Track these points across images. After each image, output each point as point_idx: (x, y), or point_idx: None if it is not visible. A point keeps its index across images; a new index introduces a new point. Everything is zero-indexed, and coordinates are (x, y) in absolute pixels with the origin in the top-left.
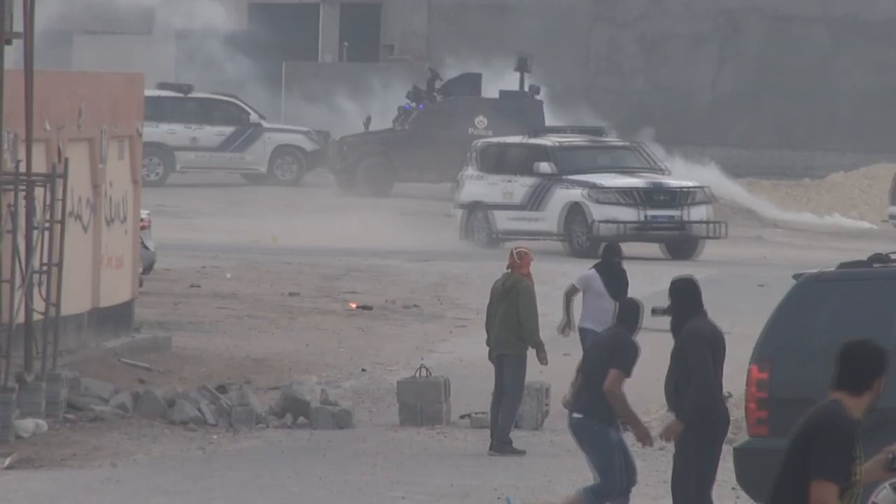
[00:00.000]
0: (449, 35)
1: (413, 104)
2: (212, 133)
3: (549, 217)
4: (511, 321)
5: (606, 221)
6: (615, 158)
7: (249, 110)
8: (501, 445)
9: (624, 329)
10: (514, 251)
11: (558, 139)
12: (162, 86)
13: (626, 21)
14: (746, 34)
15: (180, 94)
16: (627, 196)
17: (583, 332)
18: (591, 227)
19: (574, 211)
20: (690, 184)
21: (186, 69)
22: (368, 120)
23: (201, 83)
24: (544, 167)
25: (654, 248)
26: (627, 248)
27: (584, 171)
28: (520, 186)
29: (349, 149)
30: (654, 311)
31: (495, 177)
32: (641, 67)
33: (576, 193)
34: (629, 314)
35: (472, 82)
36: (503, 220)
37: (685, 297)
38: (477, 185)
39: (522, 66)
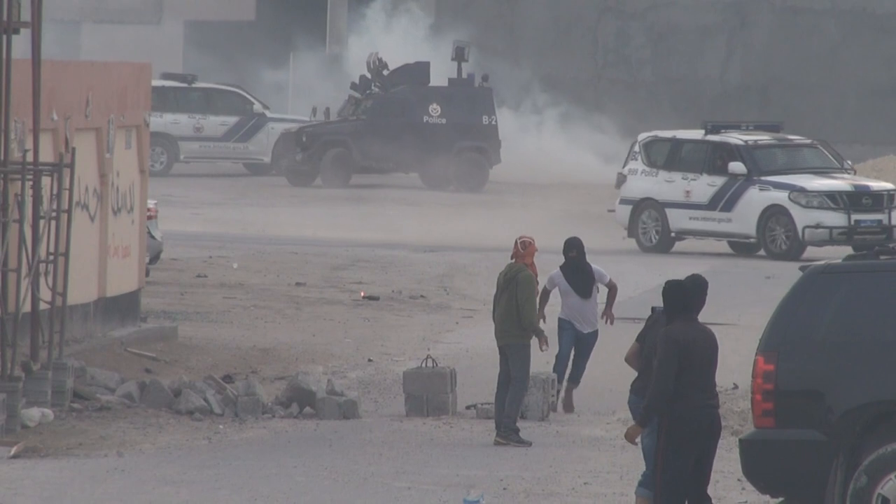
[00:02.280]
0: (457, 27)
1: (358, 94)
2: (215, 123)
3: (742, 219)
4: (512, 311)
5: (813, 227)
6: (801, 157)
7: (253, 100)
8: (507, 433)
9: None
10: (519, 241)
11: (745, 137)
12: (166, 76)
13: (635, 12)
14: (755, 26)
15: (184, 84)
16: (833, 200)
17: (561, 323)
18: (799, 232)
19: (773, 214)
20: (890, 186)
21: (195, 59)
22: (328, 111)
23: (210, 73)
24: (737, 167)
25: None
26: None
27: (776, 171)
28: (704, 185)
29: (309, 139)
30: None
31: (672, 174)
32: (649, 59)
33: (776, 196)
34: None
35: (420, 71)
36: (681, 219)
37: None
38: (647, 182)
39: (459, 56)
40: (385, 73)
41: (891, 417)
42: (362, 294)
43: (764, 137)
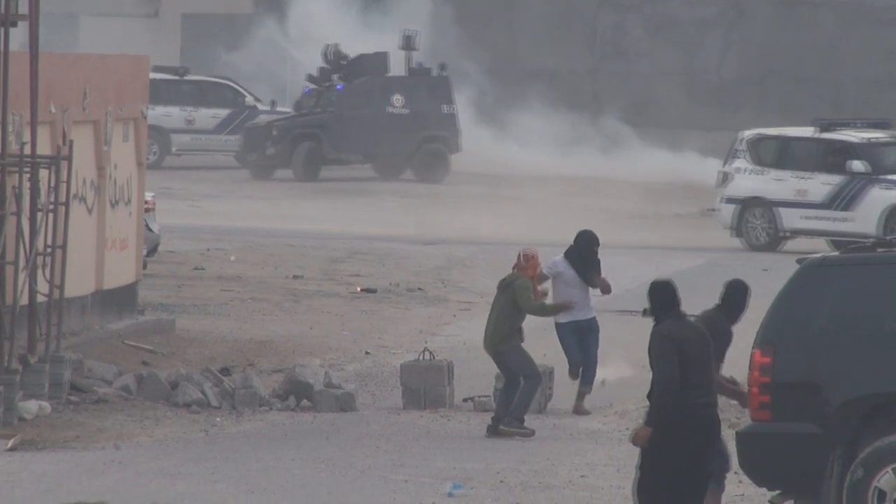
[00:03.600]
0: (454, 19)
1: (314, 87)
2: (207, 115)
3: (863, 218)
4: (504, 315)
5: None
6: None
7: (245, 93)
8: (512, 421)
9: (720, 313)
10: (522, 253)
11: (861, 135)
12: (157, 68)
13: (632, 5)
14: (752, 18)
15: (176, 77)
16: None
17: (559, 326)
18: None
19: None
20: None
21: (192, 52)
22: (299, 105)
23: (207, 66)
24: (857, 166)
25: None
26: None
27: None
28: (819, 184)
29: (280, 133)
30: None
31: (782, 172)
32: (647, 52)
33: None
34: (730, 297)
35: (379, 61)
36: (794, 219)
37: (656, 300)
38: (754, 180)
39: (408, 45)
40: (343, 63)
41: (887, 410)
42: (358, 288)
43: (879, 135)
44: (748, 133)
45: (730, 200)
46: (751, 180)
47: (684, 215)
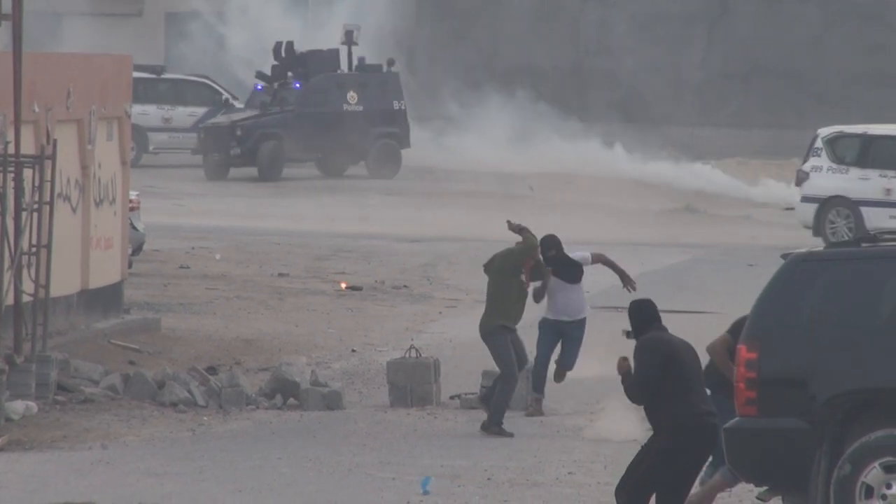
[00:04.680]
0: (438, 14)
1: (265, 84)
2: (184, 114)
3: None
4: (518, 289)
5: None
6: None
7: (222, 91)
8: (490, 426)
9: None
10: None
11: None
12: (135, 67)
13: (617, 1)
14: (736, 14)
15: (153, 76)
16: None
17: (542, 321)
18: None
19: None
20: None
21: (176, 51)
22: (263, 104)
23: (190, 65)
24: None
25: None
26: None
27: None
28: None
29: (244, 133)
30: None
31: (866, 171)
32: (631, 47)
33: None
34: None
35: (330, 58)
36: (881, 218)
37: (638, 319)
38: (835, 179)
39: (348, 39)
40: (296, 60)
41: (874, 405)
42: (343, 285)
43: None
44: (826, 131)
45: (808, 199)
46: (831, 179)
47: (662, 212)
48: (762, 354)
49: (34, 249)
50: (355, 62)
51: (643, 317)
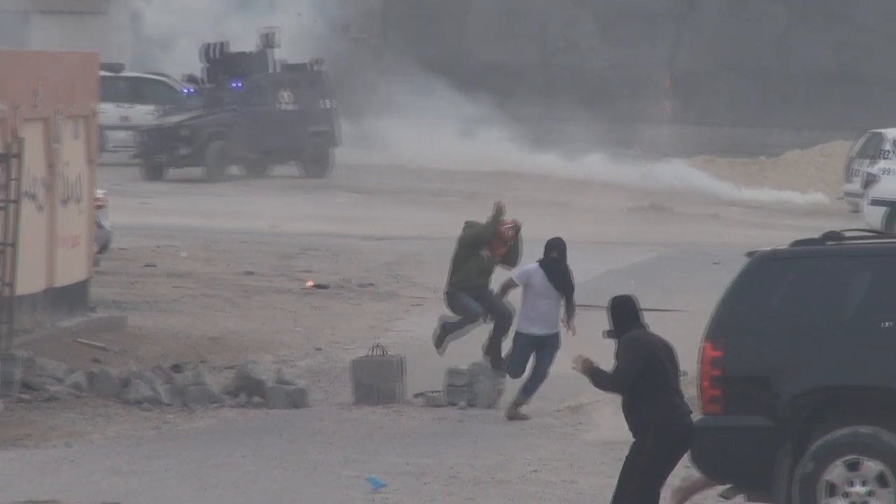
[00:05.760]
0: (405, 13)
1: (192, 87)
2: (142, 112)
3: None
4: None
5: None
6: None
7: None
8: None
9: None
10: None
11: None
12: None
13: None
14: (703, 11)
15: (111, 73)
16: None
17: (518, 336)
18: None
19: None
20: None
21: (143, 49)
22: (208, 104)
23: (157, 63)
24: None
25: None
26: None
27: None
28: None
29: (192, 133)
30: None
31: None
32: (598, 45)
33: None
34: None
35: (260, 58)
36: None
37: (619, 315)
38: None
39: (267, 42)
40: (225, 60)
41: (837, 403)
42: (310, 283)
43: None
44: (892, 132)
45: (877, 202)
46: None
47: (629, 210)
48: (727, 352)
49: (0, 247)
50: (277, 65)
51: (624, 314)
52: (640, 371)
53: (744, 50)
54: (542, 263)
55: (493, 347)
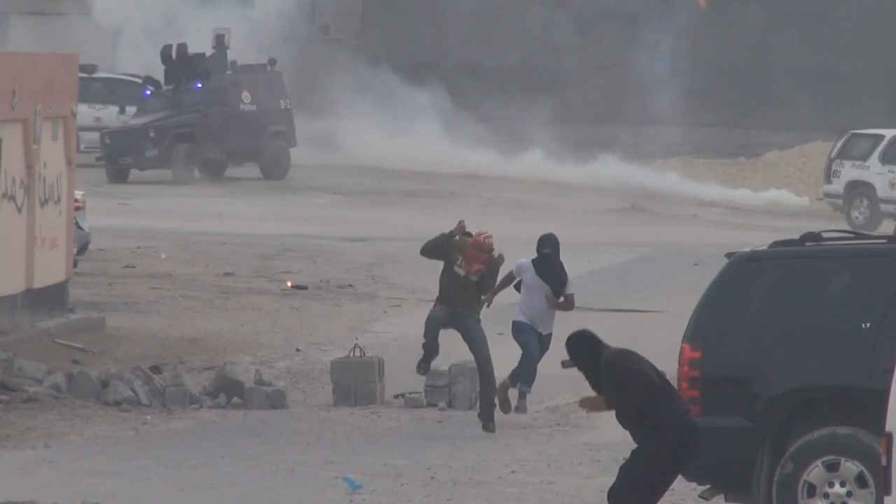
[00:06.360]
0: (384, 13)
1: (152, 88)
2: (115, 113)
3: None
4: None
5: None
6: None
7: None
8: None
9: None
10: (484, 237)
11: None
12: None
13: (562, 0)
14: (682, 12)
15: (85, 74)
16: None
17: (514, 324)
18: None
19: None
20: None
21: (124, 51)
22: (175, 105)
23: (138, 65)
24: None
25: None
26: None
27: None
28: None
29: (159, 135)
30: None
31: None
32: (577, 46)
33: None
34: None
35: (219, 59)
36: None
37: (585, 350)
38: None
39: (220, 43)
40: (186, 61)
41: (816, 404)
42: (289, 283)
43: None
44: None
45: None
46: None
47: (609, 211)
48: (705, 353)
49: None
50: (231, 65)
51: (589, 347)
52: (654, 376)
53: (723, 50)
54: (534, 260)
55: (485, 409)
